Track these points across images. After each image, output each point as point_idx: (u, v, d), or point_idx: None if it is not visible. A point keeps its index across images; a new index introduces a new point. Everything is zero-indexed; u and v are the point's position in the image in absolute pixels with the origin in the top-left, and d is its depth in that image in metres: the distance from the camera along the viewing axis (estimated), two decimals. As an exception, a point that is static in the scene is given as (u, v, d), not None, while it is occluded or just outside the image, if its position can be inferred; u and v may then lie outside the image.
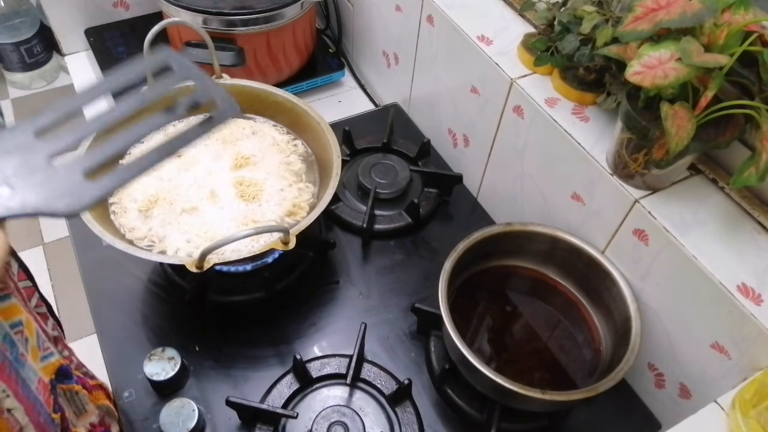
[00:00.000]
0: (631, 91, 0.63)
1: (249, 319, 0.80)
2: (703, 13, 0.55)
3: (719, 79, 0.56)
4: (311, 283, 0.84)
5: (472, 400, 0.73)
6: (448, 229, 0.93)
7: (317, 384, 0.73)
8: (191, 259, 0.64)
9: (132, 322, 0.79)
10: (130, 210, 0.75)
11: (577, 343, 0.76)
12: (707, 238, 0.64)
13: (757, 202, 0.67)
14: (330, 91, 1.19)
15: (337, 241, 0.88)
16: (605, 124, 0.74)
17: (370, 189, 0.91)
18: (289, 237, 0.66)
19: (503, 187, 0.89)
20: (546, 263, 0.80)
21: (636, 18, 0.58)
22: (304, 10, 1.04)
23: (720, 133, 0.60)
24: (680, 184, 0.69)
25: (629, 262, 0.70)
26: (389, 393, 0.72)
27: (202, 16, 0.98)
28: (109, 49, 1.17)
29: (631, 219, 0.68)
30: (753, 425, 0.51)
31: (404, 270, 0.87)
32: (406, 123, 1.08)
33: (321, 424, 0.68)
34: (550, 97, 0.76)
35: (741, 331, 0.59)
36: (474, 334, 0.77)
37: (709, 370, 0.65)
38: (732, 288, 0.59)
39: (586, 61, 0.71)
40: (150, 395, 0.72)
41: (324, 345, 0.78)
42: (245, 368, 0.76)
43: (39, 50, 2.14)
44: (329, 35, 1.27)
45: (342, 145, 0.98)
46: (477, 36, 0.83)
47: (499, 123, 0.84)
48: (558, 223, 0.78)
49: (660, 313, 0.69)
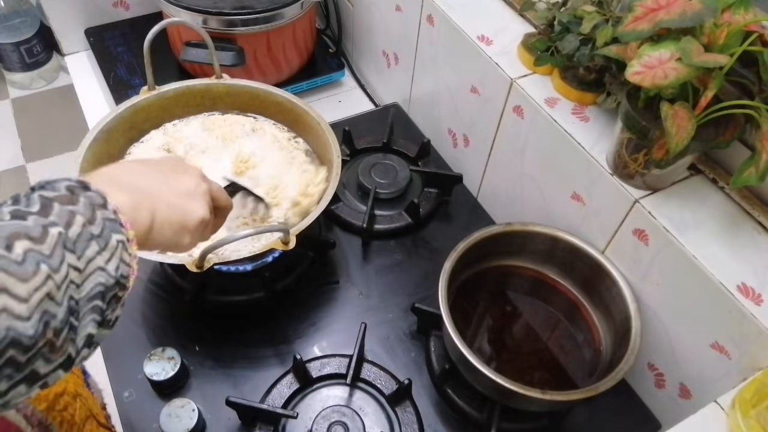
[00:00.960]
0: (631, 91, 0.63)
1: (249, 319, 0.80)
2: (703, 13, 0.55)
3: (719, 79, 0.56)
4: (311, 283, 0.84)
5: (472, 400, 0.73)
6: (448, 229, 0.93)
7: (317, 384, 0.73)
8: (191, 259, 0.64)
9: (132, 322, 0.79)
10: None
11: (577, 343, 0.76)
12: (707, 238, 0.64)
13: (757, 202, 0.67)
14: (330, 91, 1.19)
15: (337, 241, 0.88)
16: (605, 124, 0.74)
17: (370, 189, 0.91)
18: (289, 237, 0.66)
19: (503, 187, 0.89)
20: (546, 263, 0.80)
21: (636, 18, 0.58)
22: (304, 10, 1.04)
23: (720, 133, 0.60)
24: (680, 184, 0.69)
25: (629, 262, 0.70)
26: (389, 393, 0.72)
27: (202, 16, 0.97)
28: (109, 49, 1.17)
29: (631, 219, 0.68)
30: (753, 425, 0.51)
31: (404, 270, 0.87)
32: (406, 123, 1.08)
33: (321, 424, 0.68)
34: (550, 97, 0.76)
35: (741, 331, 0.59)
36: (474, 334, 0.77)
37: (709, 370, 0.65)
38: (732, 288, 0.59)
39: (586, 61, 0.71)
40: (150, 395, 0.72)
41: (324, 345, 0.78)
42: (245, 368, 0.76)
43: (39, 50, 2.14)
44: (329, 35, 1.27)
45: (342, 145, 0.97)
46: (477, 36, 0.83)
47: (499, 123, 0.84)
48: (558, 223, 0.78)
49: (660, 313, 0.69)
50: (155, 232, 0.47)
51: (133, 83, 1.10)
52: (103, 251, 0.38)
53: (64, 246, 0.35)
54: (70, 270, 0.35)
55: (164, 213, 0.48)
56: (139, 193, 0.46)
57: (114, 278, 0.39)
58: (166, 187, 0.50)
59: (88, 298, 0.37)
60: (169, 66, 1.11)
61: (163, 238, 0.48)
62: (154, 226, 0.47)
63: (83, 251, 0.36)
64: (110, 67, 1.14)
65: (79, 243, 0.36)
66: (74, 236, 0.36)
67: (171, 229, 0.49)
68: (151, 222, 0.46)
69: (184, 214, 0.51)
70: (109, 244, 0.39)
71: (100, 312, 0.38)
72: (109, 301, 0.39)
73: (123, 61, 1.15)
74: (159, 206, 0.48)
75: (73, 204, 0.38)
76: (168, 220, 0.49)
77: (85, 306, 0.37)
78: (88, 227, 0.37)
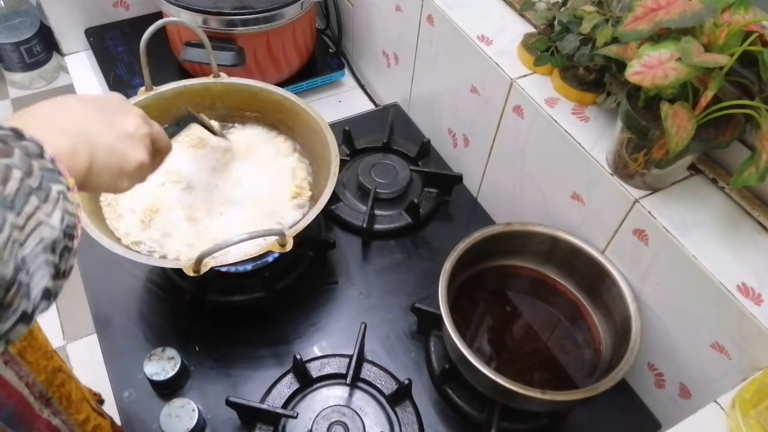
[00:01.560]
0: (631, 91, 0.63)
1: (249, 319, 0.80)
2: (703, 13, 0.55)
3: (719, 79, 0.56)
4: (311, 283, 0.84)
5: (472, 400, 0.73)
6: (448, 229, 0.93)
7: (317, 384, 0.73)
8: (188, 263, 0.64)
9: (132, 322, 0.79)
10: (128, 219, 0.75)
11: (577, 343, 0.76)
12: (707, 238, 0.64)
13: (757, 202, 0.67)
14: (330, 91, 1.19)
15: (337, 241, 0.88)
16: (605, 124, 0.74)
17: (370, 189, 0.91)
18: (286, 239, 0.66)
19: (503, 187, 0.89)
20: (546, 263, 0.80)
21: (636, 18, 0.58)
22: (304, 10, 1.04)
23: (720, 133, 0.60)
24: (680, 184, 0.69)
25: (629, 262, 0.70)
26: (389, 393, 0.72)
27: (201, 15, 0.97)
28: (109, 49, 1.17)
29: (631, 219, 0.68)
30: (753, 425, 0.51)
31: (404, 270, 0.87)
32: (406, 123, 1.08)
33: (321, 424, 0.68)
34: (550, 97, 0.76)
35: (741, 331, 0.59)
36: (474, 334, 0.77)
37: (709, 370, 0.65)
38: (732, 288, 0.59)
39: (586, 61, 0.71)
40: (150, 395, 0.72)
41: (324, 345, 0.78)
42: (245, 368, 0.76)
43: (39, 50, 2.14)
44: (329, 35, 1.27)
45: (342, 145, 0.98)
46: (477, 36, 0.83)
47: (499, 123, 0.84)
48: (558, 223, 0.78)
49: (660, 313, 0.69)
50: (93, 175, 0.46)
51: (133, 83, 1.10)
52: (43, 204, 0.36)
53: (2, 205, 0.34)
54: (13, 230, 0.34)
55: (103, 156, 0.47)
56: (77, 136, 0.45)
57: (60, 230, 0.38)
58: (106, 129, 0.49)
59: (35, 254, 0.36)
60: (170, 66, 1.12)
61: (100, 182, 0.48)
62: (92, 170, 0.46)
63: (22, 207, 0.35)
64: (110, 67, 1.14)
65: (18, 199, 0.35)
66: (12, 192, 0.34)
67: (109, 174, 0.48)
68: (89, 166, 0.45)
69: (123, 158, 0.50)
70: (49, 196, 0.37)
71: (52, 265, 0.37)
72: (61, 254, 0.38)
73: (123, 61, 1.15)
74: (98, 150, 0.47)
75: (7, 156, 0.35)
76: (107, 164, 0.48)
77: (34, 261, 0.36)
78: (26, 180, 0.35)
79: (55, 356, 0.72)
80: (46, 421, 0.68)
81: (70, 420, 0.72)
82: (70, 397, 0.73)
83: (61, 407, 0.70)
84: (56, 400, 0.70)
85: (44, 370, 0.68)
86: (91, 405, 0.78)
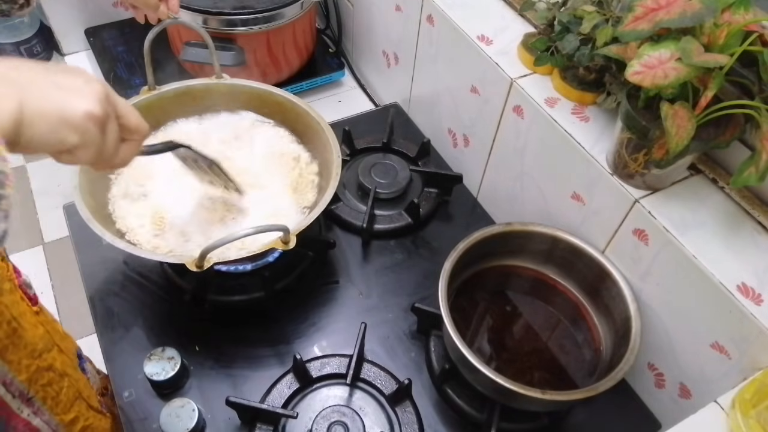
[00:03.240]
0: (631, 91, 0.63)
1: (249, 318, 0.80)
2: (703, 13, 0.55)
3: (719, 79, 0.56)
4: (311, 282, 0.84)
5: (472, 400, 0.73)
6: (448, 229, 0.93)
7: (317, 384, 0.73)
8: (191, 259, 0.64)
9: (132, 321, 0.79)
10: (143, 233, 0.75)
11: (577, 343, 0.76)
12: (707, 238, 0.64)
13: (757, 202, 0.67)
14: (330, 91, 1.19)
15: (337, 241, 0.88)
16: (605, 124, 0.74)
17: (370, 189, 0.91)
18: (290, 236, 0.66)
19: (503, 187, 0.89)
20: (546, 263, 0.80)
21: (636, 18, 0.58)
22: (304, 10, 1.04)
23: (720, 133, 0.60)
24: (680, 184, 0.69)
25: (629, 262, 0.70)
26: (389, 393, 0.72)
27: (202, 15, 0.98)
28: (109, 49, 1.17)
29: (631, 219, 0.68)
30: (753, 425, 0.51)
31: (404, 270, 0.87)
32: (406, 123, 1.08)
33: (321, 424, 0.68)
34: (550, 97, 0.76)
35: (741, 331, 0.59)
36: (474, 334, 0.77)
37: (709, 370, 0.65)
38: (732, 288, 0.59)
39: (586, 61, 0.71)
40: (150, 395, 0.72)
41: (324, 345, 0.78)
42: (245, 368, 0.76)
43: (39, 50, 2.14)
44: (329, 35, 1.27)
45: (342, 145, 0.98)
46: (477, 36, 0.83)
47: (499, 123, 0.84)
48: (558, 223, 0.78)
49: (660, 313, 0.69)
50: (26, 126, 0.40)
51: (133, 83, 1.10)
52: None
53: None
54: None
55: (35, 103, 0.41)
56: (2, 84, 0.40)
57: None
58: (42, 79, 0.43)
59: None
60: (170, 66, 1.11)
61: (39, 135, 0.42)
62: (23, 119, 0.40)
63: None
64: (110, 66, 1.14)
65: None
66: None
67: (47, 123, 0.42)
68: (18, 114, 0.40)
69: (63, 104, 0.43)
70: None
71: None
72: None
73: (123, 61, 1.15)
74: (28, 96, 0.41)
75: None
76: (40, 111, 0.41)
77: None
78: None
79: (45, 355, 0.71)
80: (26, 421, 0.66)
81: (54, 419, 0.71)
82: (58, 397, 0.72)
83: (45, 407, 0.69)
84: (39, 400, 0.68)
85: (26, 369, 0.66)
86: (90, 404, 0.77)
